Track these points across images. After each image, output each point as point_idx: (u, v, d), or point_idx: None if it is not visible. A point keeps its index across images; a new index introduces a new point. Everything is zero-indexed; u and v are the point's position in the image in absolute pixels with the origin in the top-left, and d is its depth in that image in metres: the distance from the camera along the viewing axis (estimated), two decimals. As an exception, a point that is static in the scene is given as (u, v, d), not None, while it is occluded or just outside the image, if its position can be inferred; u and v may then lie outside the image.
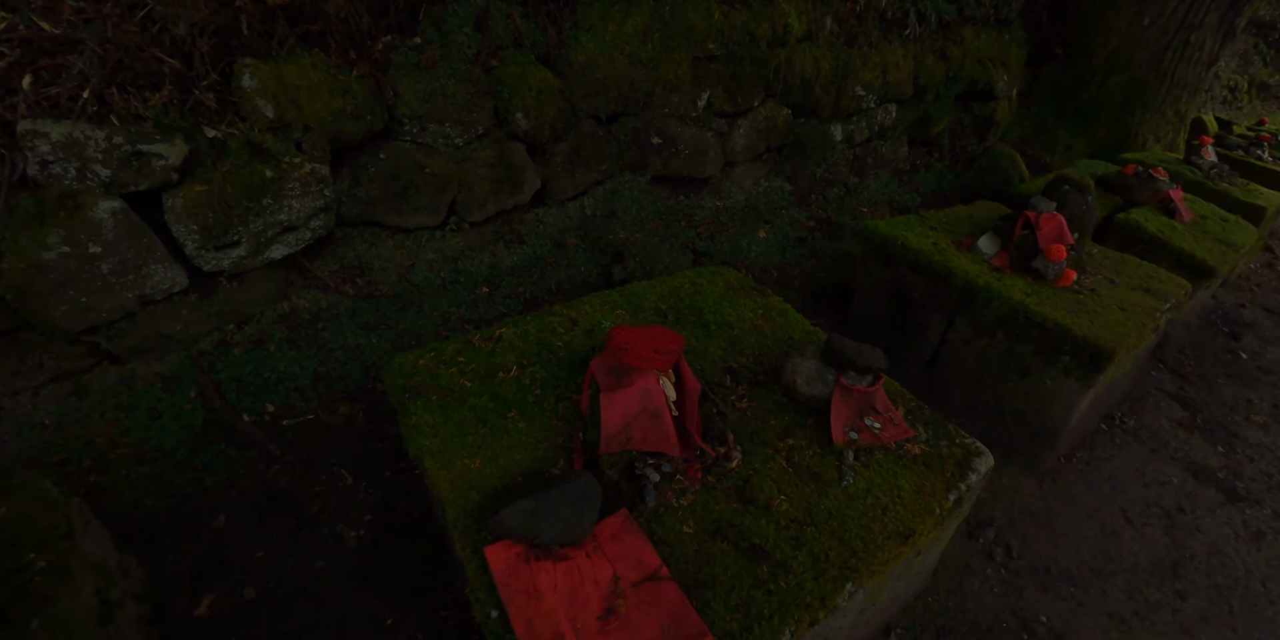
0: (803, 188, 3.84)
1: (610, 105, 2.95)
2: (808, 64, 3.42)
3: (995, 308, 2.28)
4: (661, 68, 3.00)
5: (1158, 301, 2.45)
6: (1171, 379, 3.06)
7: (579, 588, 1.18)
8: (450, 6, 2.55)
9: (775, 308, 2.03)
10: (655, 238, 3.13)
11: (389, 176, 2.56)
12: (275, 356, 2.55)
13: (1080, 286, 2.50)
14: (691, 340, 1.88)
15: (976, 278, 2.35)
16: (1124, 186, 3.74)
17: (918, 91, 4.09)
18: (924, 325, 2.54)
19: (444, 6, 2.54)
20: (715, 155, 3.33)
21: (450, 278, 2.96)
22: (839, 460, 1.47)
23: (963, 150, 4.81)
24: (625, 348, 1.48)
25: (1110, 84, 5.06)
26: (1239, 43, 6.51)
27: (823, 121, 3.70)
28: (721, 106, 3.23)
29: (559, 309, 2.01)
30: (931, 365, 2.56)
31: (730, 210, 3.47)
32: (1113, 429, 2.65)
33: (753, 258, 3.26)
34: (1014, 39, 4.96)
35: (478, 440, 1.47)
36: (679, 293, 2.07)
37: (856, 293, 2.80)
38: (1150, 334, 2.28)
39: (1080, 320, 2.18)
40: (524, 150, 2.84)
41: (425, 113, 2.50)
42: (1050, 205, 2.67)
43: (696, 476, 1.42)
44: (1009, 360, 2.30)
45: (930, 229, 2.74)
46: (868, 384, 1.56)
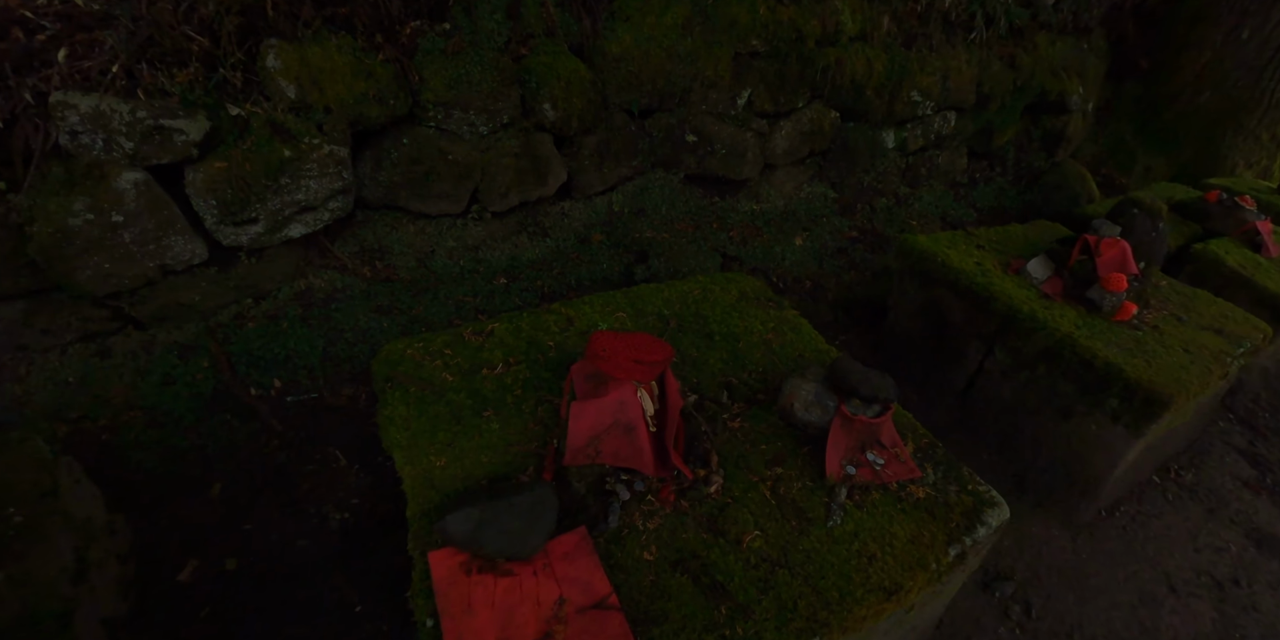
0: (848, 196, 3.64)
1: (644, 99, 2.84)
2: (859, 65, 3.22)
3: (1039, 339, 2.07)
4: (700, 63, 2.86)
5: (1230, 345, 2.19)
6: (1242, 432, 2.76)
7: (517, 607, 1.10)
8: (485, -8, 2.48)
9: (789, 322, 1.88)
10: (683, 239, 3.00)
11: (411, 162, 2.52)
12: (287, 333, 2.56)
13: (1141, 322, 2.26)
14: (691, 351, 1.76)
15: (1020, 304, 2.14)
16: (1204, 214, 3.42)
17: (980, 100, 3.84)
18: (960, 352, 2.34)
19: (478, -8, 2.48)
20: (753, 156, 3.18)
21: (469, 266, 2.90)
22: (829, 497, 1.32)
23: (1028, 165, 4.50)
24: (603, 355, 1.38)
25: (1200, 102, 4.67)
26: None
27: (873, 127, 3.49)
28: (762, 106, 3.07)
29: (557, 307, 1.92)
30: (965, 395, 2.35)
31: (767, 215, 3.31)
32: (1166, 483, 2.39)
33: (786, 266, 3.09)
34: (1093, 49, 4.62)
35: (448, 438, 1.41)
36: (687, 298, 1.94)
37: (891, 311, 2.61)
38: (1217, 381, 2.03)
39: (1135, 360, 1.95)
40: (550, 141, 2.75)
41: (450, 99, 2.45)
42: (1114, 230, 2.43)
43: (669, 499, 1.30)
44: (1050, 398, 2.08)
45: (977, 247, 2.53)
46: (873, 414, 1.40)
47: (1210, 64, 4.63)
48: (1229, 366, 2.14)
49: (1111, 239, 2.41)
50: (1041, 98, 4.25)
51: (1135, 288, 2.39)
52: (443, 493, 1.29)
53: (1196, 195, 3.56)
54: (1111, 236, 2.43)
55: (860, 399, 1.41)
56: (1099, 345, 1.99)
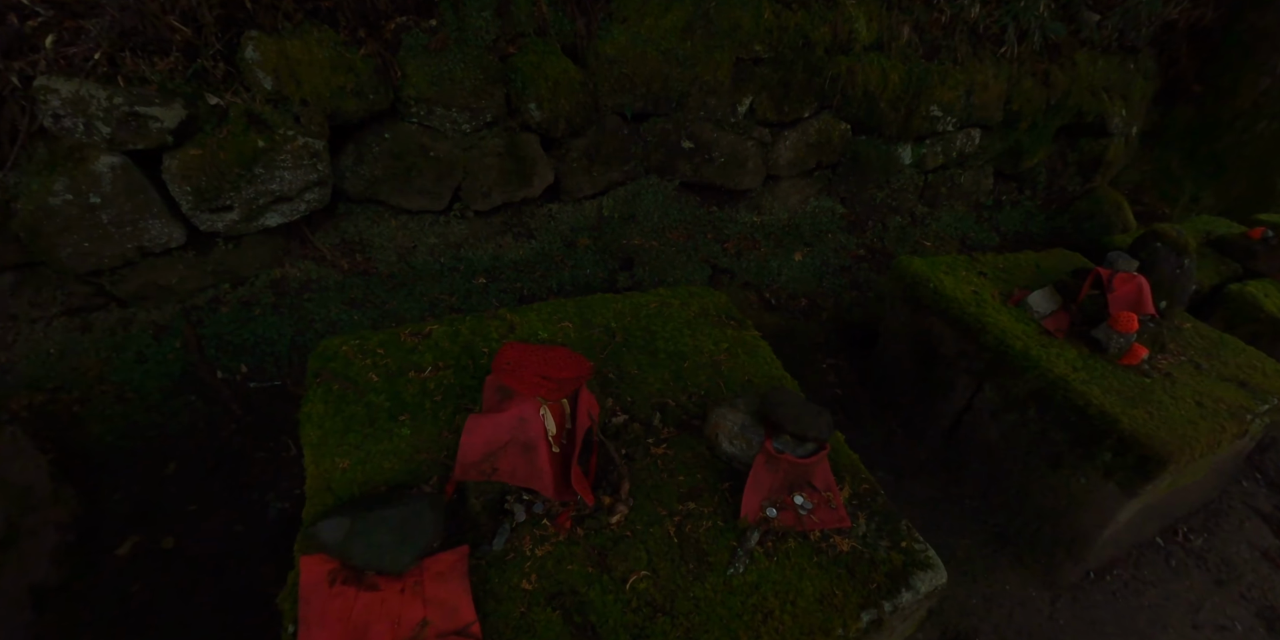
0: (859, 212, 3.46)
1: (638, 103, 2.73)
2: (874, 76, 3.05)
3: (1029, 379, 1.88)
4: (699, 67, 2.74)
5: (1253, 400, 1.97)
6: (1269, 495, 2.50)
7: (373, 625, 1.02)
8: (474, -10, 2.42)
9: (746, 343, 1.74)
10: (673, 248, 2.87)
11: (393, 157, 2.50)
12: (258, 320, 2.58)
13: (1151, 368, 2.05)
14: (632, 368, 1.64)
15: (1013, 339, 1.95)
16: (1246, 252, 3.15)
17: (1009, 118, 3.62)
18: (949, 386, 2.16)
19: (466, -11, 2.42)
20: (755, 166, 3.03)
21: (450, 264, 2.83)
22: (738, 541, 1.17)
23: (1061, 190, 4.25)
24: (507, 368, 1.28)
25: (1257, 130, 4.35)
26: None
27: (888, 141, 3.32)
28: (765, 115, 2.93)
29: (503, 312, 1.84)
30: (952, 434, 2.17)
31: (768, 227, 3.16)
32: (1171, 546, 2.15)
33: (782, 282, 2.94)
34: (1140, 69, 4.35)
35: (357, 440, 1.35)
36: (640, 312, 1.82)
37: (881, 337, 2.44)
38: (1230, 441, 1.82)
39: (1136, 411, 1.76)
40: (537, 142, 2.67)
41: (432, 96, 2.41)
42: (1131, 264, 2.23)
43: (565, 526, 1.21)
44: (1039, 445, 1.89)
45: (979, 274, 2.34)
46: (804, 453, 1.25)
47: (1271, 90, 4.31)
48: (1248, 424, 1.92)
49: (1127, 274, 2.21)
50: (1078, 119, 4.00)
51: (1150, 329, 2.18)
52: (338, 496, 1.24)
53: (1240, 231, 3.29)
54: (1127, 271, 2.22)
55: (791, 435, 1.26)
56: (1096, 391, 1.80)
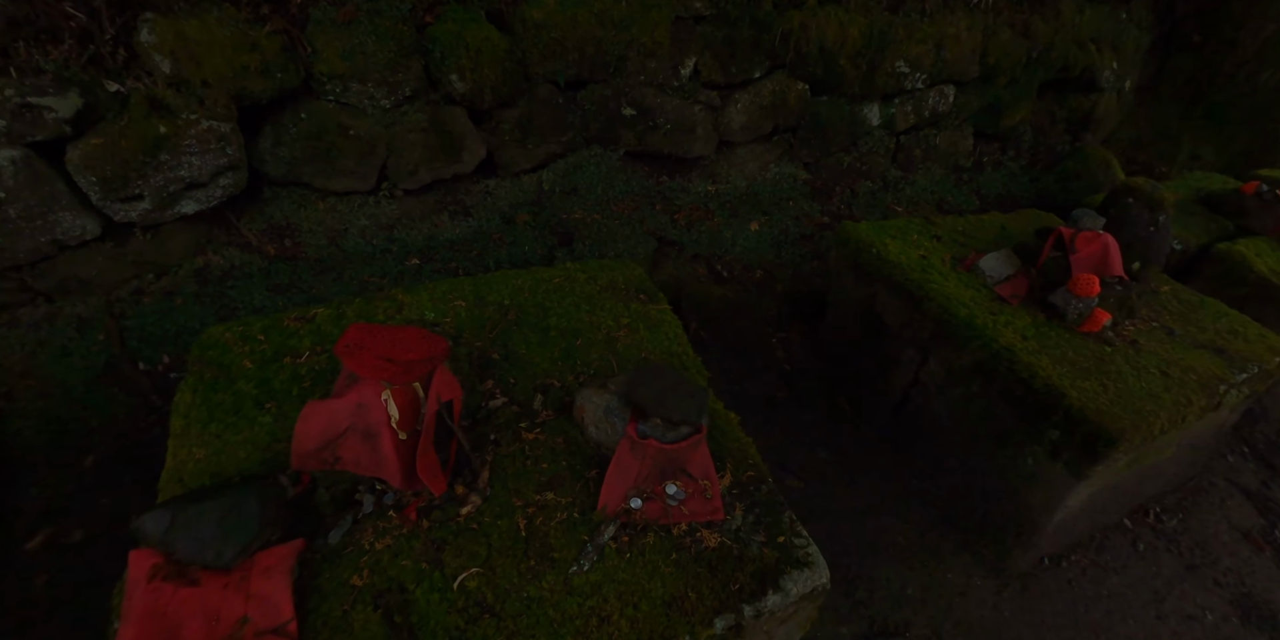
0: (825, 178, 3.27)
1: (572, 70, 2.56)
2: (830, 30, 2.84)
3: (973, 350, 1.72)
4: (635, 29, 2.56)
5: (1228, 369, 1.79)
6: (1255, 470, 2.32)
7: (187, 622, 0.96)
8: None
9: (650, 318, 1.60)
10: (617, 221, 2.71)
11: (311, 137, 2.39)
12: (180, 310, 2.50)
13: (1115, 335, 1.87)
14: (520, 347, 1.52)
15: (959, 307, 1.78)
16: (1238, 209, 2.93)
17: (986, 73, 3.39)
18: (894, 359, 2.00)
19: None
20: (705, 132, 2.85)
21: (382, 246, 2.70)
22: (590, 535, 1.04)
23: (1049, 149, 4.01)
24: (346, 351, 1.16)
25: (1261, 81, 4.08)
26: None
27: (851, 101, 3.11)
28: (711, 76, 2.74)
29: (394, 293, 1.72)
30: (899, 410, 2.02)
31: (723, 196, 2.98)
32: (1140, 528, 1.99)
33: (736, 253, 2.77)
34: (1134, 19, 4.08)
35: (218, 430, 1.29)
36: (540, 287, 1.68)
37: (830, 307, 2.28)
38: (1197, 415, 1.64)
39: (1088, 384, 1.59)
40: (464, 116, 2.53)
41: (345, 72, 2.29)
42: (1096, 222, 2.04)
43: (410, 518, 1.12)
44: (984, 421, 1.74)
45: (933, 238, 2.16)
46: (675, 438, 1.11)
47: (1274, 38, 4.02)
48: (1221, 396, 1.75)
49: (1092, 233, 2.02)
50: (1064, 73, 3.75)
51: (1117, 293, 2.00)
52: (188, 488, 1.19)
53: (1233, 187, 3.06)
54: (1092, 230, 2.03)
55: (662, 418, 1.12)
56: (1044, 362, 1.63)
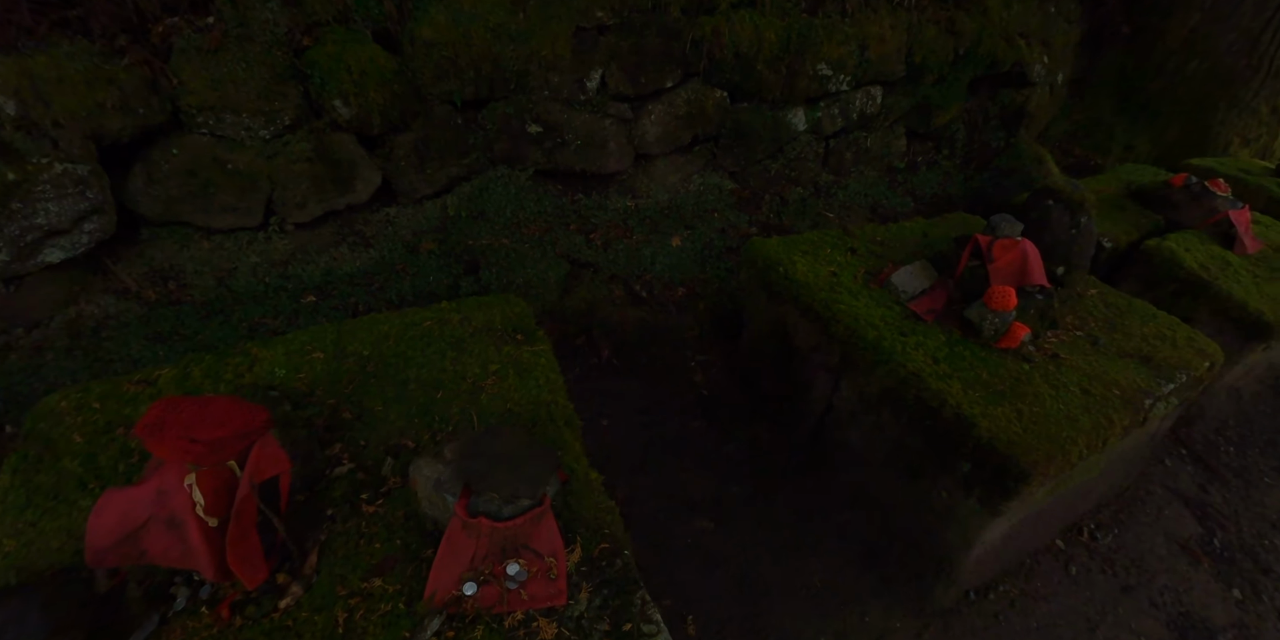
0: (752, 186, 3.16)
1: (469, 88, 2.43)
2: (745, 35, 2.73)
3: (880, 375, 1.59)
4: (534, 42, 2.43)
5: (1154, 381, 1.70)
6: (1193, 473, 2.23)
7: None
8: (254, -21, 2.13)
9: (523, 362, 1.45)
10: (527, 244, 2.56)
11: (186, 173, 2.25)
12: (50, 366, 2.30)
13: (1037, 349, 1.77)
14: (376, 404, 1.37)
15: (866, 328, 1.66)
16: (1168, 202, 2.87)
17: (913, 72, 3.31)
18: (808, 384, 1.87)
19: (245, -20, 2.14)
20: (618, 146, 2.72)
21: (276, 284, 2.52)
22: (411, 632, 0.89)
23: (984, 146, 3.95)
24: (147, 431, 1.02)
25: (1188, 72, 4.06)
26: None
27: (774, 107, 3.00)
28: (620, 88, 2.61)
29: (249, 347, 1.55)
30: (817, 438, 1.89)
31: (644, 212, 2.85)
32: (1074, 549, 1.88)
33: (656, 271, 2.64)
34: (1062, 12, 4.04)
35: (34, 516, 1.14)
36: (407, 333, 1.53)
37: (745, 328, 2.15)
38: (1120, 435, 1.54)
39: (1001, 410, 1.47)
40: (354, 142, 2.39)
41: (217, 103, 2.15)
42: (1014, 228, 1.94)
43: (222, 615, 0.98)
44: (897, 451, 1.61)
45: (849, 251, 2.05)
46: (513, 513, 0.97)
47: (1200, 28, 4.02)
48: (1147, 412, 1.65)
49: (1009, 240, 1.92)
50: (994, 69, 3.69)
51: (1038, 303, 1.90)
52: None
53: (1162, 180, 3.00)
54: (1010, 236, 1.93)
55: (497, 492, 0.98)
56: (955, 387, 1.51)
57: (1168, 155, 4.06)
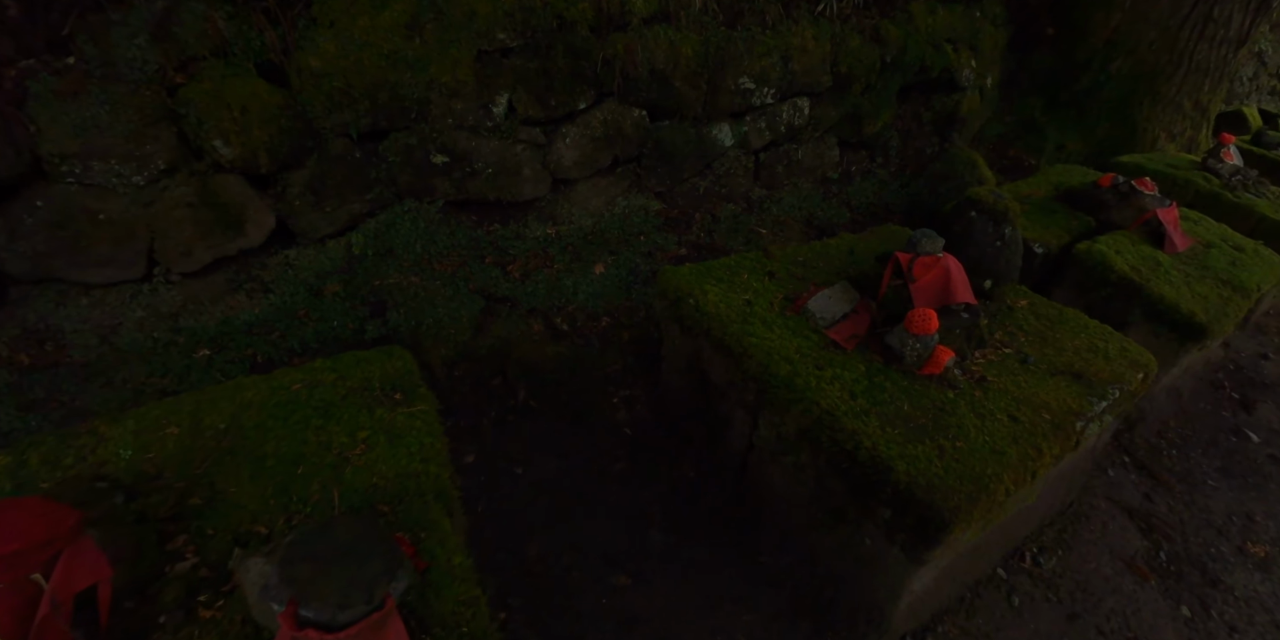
0: (682, 206, 3.06)
1: (365, 119, 2.30)
2: (660, 51, 2.64)
3: (795, 414, 1.48)
4: (433, 68, 2.30)
5: (1086, 399, 1.62)
6: (1137, 481, 2.17)
7: None
8: (116, 15, 1.99)
9: (397, 427, 1.31)
10: (438, 281, 2.41)
11: (54, 226, 2.07)
12: None
13: (965, 372, 1.68)
14: (229, 484, 1.23)
15: (779, 363, 1.55)
16: (1097, 203, 2.84)
17: (840, 82, 3.26)
18: (727, 421, 1.76)
19: (106, 16, 1.99)
20: (533, 172, 2.59)
21: (166, 338, 2.33)
22: None
23: (918, 152, 3.92)
24: None
25: (1113, 70, 4.10)
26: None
27: (697, 123, 2.91)
28: (529, 112, 2.49)
29: (97, 424, 1.40)
30: (741, 479, 1.77)
31: (566, 239, 2.73)
32: (1016, 577, 1.79)
33: (579, 301, 2.51)
34: (987, 16, 4.05)
35: None
36: (273, 399, 1.39)
37: (663, 363, 2.03)
38: (1051, 464, 1.45)
39: (921, 449, 1.37)
40: (240, 183, 2.24)
41: (80, 150, 1.98)
42: (936, 243, 1.85)
43: None
44: (819, 495, 1.50)
45: (767, 275, 1.94)
46: (350, 620, 0.82)
47: (1121, 26, 4.06)
48: (1079, 435, 1.56)
49: (930, 257, 1.83)
50: (923, 75, 3.66)
51: (963, 322, 1.81)
52: None
53: (1092, 180, 2.98)
54: (931, 253, 1.84)
55: (316, 611, 0.83)
56: (872, 426, 1.40)
57: (1099, 153, 4.08)
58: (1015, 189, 3.06)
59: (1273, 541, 2.03)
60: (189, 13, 2.10)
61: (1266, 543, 2.00)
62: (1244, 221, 3.07)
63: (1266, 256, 2.74)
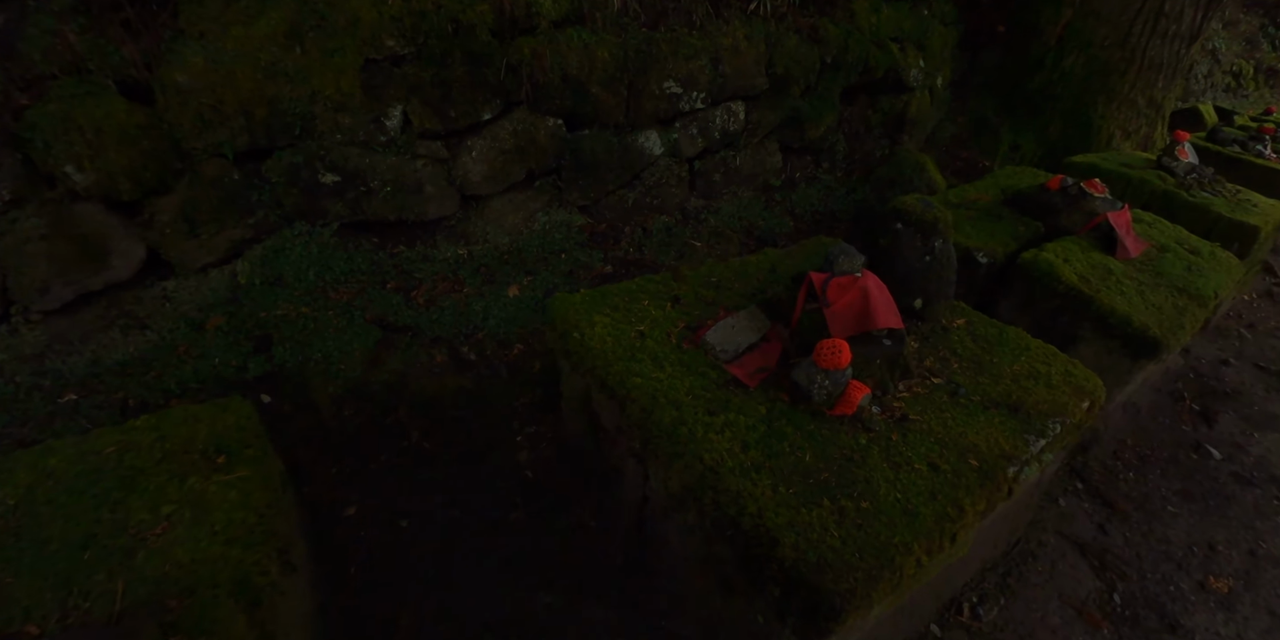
0: (610, 219, 2.87)
1: (242, 138, 2.10)
2: (573, 56, 2.45)
3: (678, 470, 1.29)
4: (315, 80, 2.10)
5: (1020, 439, 1.44)
6: (1091, 511, 2.00)
7: None
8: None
9: (208, 499, 1.11)
10: (331, 311, 2.21)
11: None
12: None
13: (884, 410, 1.50)
14: (7, 574, 1.01)
15: (665, 409, 1.36)
16: (1046, 207, 2.68)
17: (776, 84, 3.09)
18: (620, 470, 1.57)
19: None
20: (438, 190, 2.40)
21: (29, 382, 2.11)
22: None
23: (868, 156, 3.77)
24: None
25: (1065, 68, 3.97)
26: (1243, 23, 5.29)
27: (619, 131, 2.73)
28: (426, 125, 2.29)
29: None
30: (639, 530, 1.58)
31: (479, 259, 2.53)
32: (951, 633, 1.61)
33: (489, 328, 2.31)
34: (936, 14, 3.90)
35: None
36: (77, 466, 1.19)
37: (561, 401, 1.83)
38: (975, 523, 1.27)
39: (815, 513, 1.18)
40: (101, 212, 2.05)
41: None
42: (853, 261, 1.67)
43: None
44: (709, 561, 1.31)
45: (670, 301, 1.75)
46: None
47: (1073, 22, 3.93)
48: (1011, 482, 1.38)
49: (847, 277, 1.65)
50: (867, 76, 3.51)
51: (886, 350, 1.62)
52: None
53: (1040, 183, 2.82)
54: (848, 272, 1.66)
55: None
56: (762, 485, 1.22)
57: (1053, 153, 3.94)
58: (962, 192, 2.90)
59: (1236, 574, 1.86)
60: (36, 27, 1.90)
61: (1229, 576, 1.84)
62: (1200, 221, 2.93)
63: (1224, 259, 2.60)
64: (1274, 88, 5.91)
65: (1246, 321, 3.12)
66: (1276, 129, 3.73)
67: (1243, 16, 5.21)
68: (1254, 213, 2.95)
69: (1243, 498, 2.12)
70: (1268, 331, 3.03)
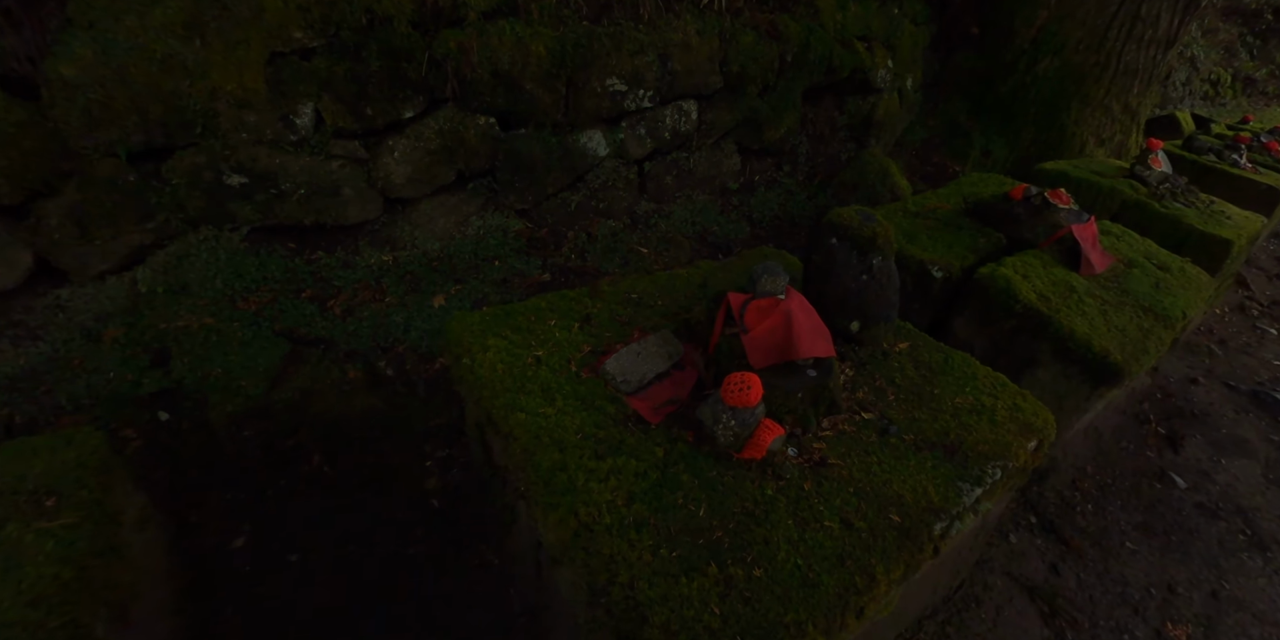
0: (551, 224, 2.72)
1: (136, 136, 1.94)
2: (505, 50, 2.29)
3: (553, 524, 1.15)
4: (215, 74, 1.94)
5: (951, 489, 1.30)
6: (1043, 548, 1.87)
7: None
8: None
9: (22, 552, 0.95)
10: (237, 322, 2.05)
11: None
12: None
13: (802, 453, 1.36)
14: None
15: (548, 450, 1.22)
16: (1007, 217, 2.55)
17: (731, 83, 2.94)
18: (514, 511, 1.42)
19: None
20: (357, 192, 2.24)
21: (-100, 399, 1.94)
22: None
23: (833, 159, 3.62)
24: None
25: (1039, 71, 3.84)
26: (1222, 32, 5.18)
27: (558, 131, 2.57)
28: (341, 123, 2.13)
29: None
30: (538, 575, 1.44)
31: (405, 267, 2.37)
32: (876, 692, 1.48)
33: (410, 341, 2.16)
34: (907, 13, 3.76)
35: None
36: None
37: (467, 432, 1.69)
38: (884, 593, 1.13)
39: (697, 583, 1.03)
40: None
41: None
42: (776, 281, 1.53)
43: None
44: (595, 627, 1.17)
45: (580, 322, 1.61)
46: None
47: (1048, 25, 3.80)
48: (938, 540, 1.25)
49: (768, 300, 1.51)
50: (831, 76, 3.36)
51: (809, 382, 1.48)
52: None
53: (1003, 193, 2.69)
54: (770, 294, 1.52)
55: None
56: (639, 547, 1.07)
57: (1027, 158, 3.82)
58: (923, 200, 2.76)
59: (1195, 619, 1.74)
60: (-103, 12, 1.73)
61: (1188, 621, 1.71)
62: (1172, 234, 2.81)
63: (1193, 276, 2.47)
64: (1251, 96, 5.82)
65: (1217, 337, 3.00)
66: (1252, 138, 3.62)
67: (1221, 25, 5.12)
68: (1227, 225, 2.84)
69: (1207, 532, 2.00)
70: (1239, 348, 2.92)
